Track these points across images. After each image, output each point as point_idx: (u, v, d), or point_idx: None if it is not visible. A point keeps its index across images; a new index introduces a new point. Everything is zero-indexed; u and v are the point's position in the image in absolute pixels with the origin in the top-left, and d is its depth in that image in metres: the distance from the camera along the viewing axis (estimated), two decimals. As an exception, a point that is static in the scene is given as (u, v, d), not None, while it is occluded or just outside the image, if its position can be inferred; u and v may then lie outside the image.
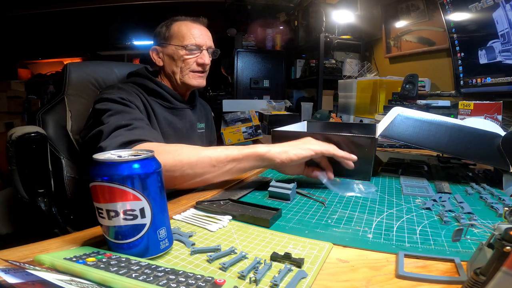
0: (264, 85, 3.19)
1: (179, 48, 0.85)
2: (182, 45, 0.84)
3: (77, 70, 0.99)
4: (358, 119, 1.98)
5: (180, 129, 0.91)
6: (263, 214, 0.52)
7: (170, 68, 0.88)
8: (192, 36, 0.85)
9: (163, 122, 0.86)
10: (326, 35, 2.45)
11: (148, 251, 0.39)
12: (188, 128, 0.94)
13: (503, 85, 1.31)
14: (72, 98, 0.94)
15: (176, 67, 0.87)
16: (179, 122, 0.91)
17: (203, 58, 0.87)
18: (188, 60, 0.86)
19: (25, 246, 0.41)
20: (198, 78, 0.90)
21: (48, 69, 4.58)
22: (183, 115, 0.94)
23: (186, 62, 0.86)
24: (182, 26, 0.86)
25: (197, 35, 0.86)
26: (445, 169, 0.87)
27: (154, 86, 0.87)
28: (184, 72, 0.87)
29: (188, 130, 0.94)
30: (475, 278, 0.27)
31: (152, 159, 0.39)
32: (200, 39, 0.86)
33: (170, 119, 0.89)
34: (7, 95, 3.95)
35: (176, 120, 0.91)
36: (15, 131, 0.79)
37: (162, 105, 0.88)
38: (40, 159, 0.83)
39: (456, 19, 1.52)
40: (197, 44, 0.86)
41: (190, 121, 0.96)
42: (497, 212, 0.55)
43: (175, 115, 0.91)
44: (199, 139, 1.00)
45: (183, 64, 0.87)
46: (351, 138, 0.78)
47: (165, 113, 0.89)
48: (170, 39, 0.86)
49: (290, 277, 0.34)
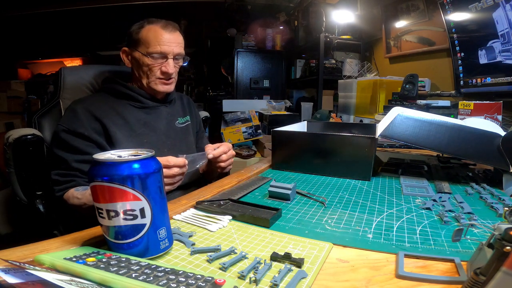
0: (264, 85, 3.19)
1: (144, 55, 0.85)
2: (147, 53, 0.84)
3: (71, 74, 1.00)
4: (358, 119, 1.98)
5: (158, 128, 0.92)
6: (263, 214, 0.52)
7: (137, 72, 0.90)
8: (158, 44, 0.84)
9: (136, 123, 0.87)
10: (326, 35, 2.45)
11: (148, 251, 0.39)
12: (165, 125, 0.94)
13: (503, 85, 1.31)
14: (67, 102, 0.94)
15: (143, 73, 0.88)
16: (154, 121, 0.92)
17: (167, 67, 0.86)
18: (152, 68, 0.86)
19: (25, 246, 0.41)
20: (164, 84, 0.90)
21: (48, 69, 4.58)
22: (158, 113, 0.94)
23: (150, 69, 0.86)
24: (150, 32, 0.85)
25: (164, 42, 0.84)
26: (445, 169, 0.87)
27: (123, 89, 0.89)
28: (150, 78, 0.88)
29: (165, 127, 0.94)
30: (475, 278, 0.27)
31: (152, 159, 0.39)
32: (166, 47, 0.85)
33: (145, 118, 0.90)
34: (7, 95, 3.94)
35: (151, 118, 0.91)
36: (12, 133, 0.79)
37: (134, 106, 0.90)
38: (37, 161, 0.83)
39: (456, 19, 1.52)
40: (162, 52, 0.84)
41: (167, 118, 0.96)
42: (497, 212, 0.55)
43: (150, 114, 0.92)
44: (182, 134, 0.99)
45: (149, 71, 0.87)
46: (351, 138, 0.78)
47: (138, 113, 0.90)
48: (137, 45, 0.86)
49: (290, 277, 0.34)
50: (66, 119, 0.82)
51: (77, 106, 0.83)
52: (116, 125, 0.83)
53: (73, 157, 0.79)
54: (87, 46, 4.49)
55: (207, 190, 0.68)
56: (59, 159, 0.80)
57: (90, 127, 0.80)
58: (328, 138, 0.81)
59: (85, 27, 4.28)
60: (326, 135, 0.82)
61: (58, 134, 0.80)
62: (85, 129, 0.79)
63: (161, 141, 0.91)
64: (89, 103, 0.85)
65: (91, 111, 0.82)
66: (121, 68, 1.02)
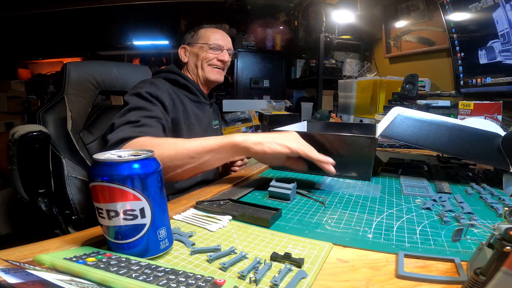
0: (264, 85, 3.19)
1: (205, 45, 1.00)
2: (207, 44, 1.00)
3: (76, 70, 0.99)
4: (358, 119, 1.98)
5: (202, 123, 1.02)
6: (263, 214, 0.52)
7: (193, 63, 1.02)
8: (215, 38, 1.01)
9: (191, 114, 0.96)
10: (326, 35, 2.45)
11: (148, 251, 0.39)
12: (207, 122, 1.05)
13: (503, 85, 1.31)
14: (72, 97, 0.94)
15: (199, 62, 1.01)
16: (202, 116, 1.02)
17: (224, 56, 1.02)
18: (210, 56, 1.00)
19: (25, 246, 0.41)
20: (217, 73, 1.03)
21: (48, 69, 4.57)
22: (204, 110, 1.04)
23: (208, 58, 1.00)
24: (208, 30, 1.03)
25: (220, 38, 1.02)
26: (445, 169, 0.87)
27: (184, 80, 0.98)
28: (204, 65, 1.01)
29: (207, 124, 1.05)
30: (475, 278, 0.27)
31: (152, 159, 0.39)
32: (222, 41, 1.02)
33: (196, 111, 1.00)
34: (7, 95, 3.94)
35: (200, 113, 1.02)
36: (18, 129, 0.77)
37: (190, 98, 0.99)
38: (41, 159, 0.82)
39: (456, 19, 1.52)
40: (219, 44, 1.01)
41: (209, 117, 1.07)
42: (497, 212, 0.55)
43: (199, 109, 1.02)
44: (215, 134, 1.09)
45: (206, 60, 1.00)
46: (351, 138, 0.78)
47: (192, 106, 0.99)
48: (197, 40, 1.02)
49: (290, 277, 0.34)
50: (149, 87, 0.82)
51: (156, 81, 0.88)
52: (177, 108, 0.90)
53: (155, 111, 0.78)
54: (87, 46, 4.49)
55: (207, 190, 0.68)
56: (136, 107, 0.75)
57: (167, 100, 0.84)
58: (328, 138, 0.81)
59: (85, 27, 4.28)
60: (326, 135, 0.82)
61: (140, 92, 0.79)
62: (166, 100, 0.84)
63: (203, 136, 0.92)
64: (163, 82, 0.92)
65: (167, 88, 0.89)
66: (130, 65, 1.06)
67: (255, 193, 0.68)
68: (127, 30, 4.58)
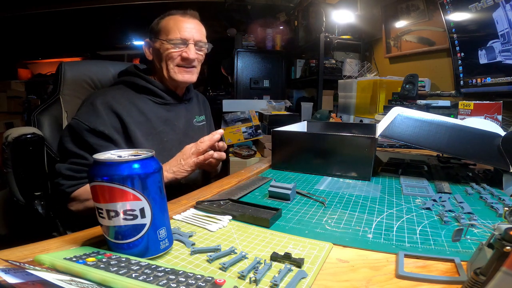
0: (264, 85, 3.19)
1: (164, 42, 0.83)
2: (167, 39, 0.83)
3: (72, 70, 0.96)
4: (358, 119, 1.98)
5: (177, 126, 0.91)
6: (263, 214, 0.52)
7: (158, 63, 0.87)
8: (178, 30, 0.83)
9: (157, 120, 0.86)
10: (326, 35, 2.45)
11: (148, 251, 0.39)
12: (185, 122, 0.93)
13: (503, 85, 1.31)
14: (68, 98, 0.92)
15: (163, 62, 0.86)
16: (175, 119, 0.90)
17: (188, 53, 0.84)
18: (173, 54, 0.84)
19: (25, 246, 0.41)
20: (185, 73, 0.87)
21: (48, 69, 4.58)
22: (178, 111, 0.92)
23: (170, 56, 0.84)
24: (170, 20, 0.84)
25: (184, 29, 0.83)
26: (445, 169, 0.87)
27: (144, 82, 0.87)
28: (169, 67, 0.86)
29: (185, 126, 0.93)
30: (475, 278, 0.27)
31: (152, 159, 0.39)
32: (187, 33, 0.84)
33: (166, 115, 0.88)
34: (7, 95, 3.95)
35: (172, 116, 0.90)
36: (11, 132, 0.76)
37: (155, 102, 0.88)
38: (36, 161, 0.81)
39: (456, 19, 1.52)
40: (182, 38, 0.83)
41: (186, 116, 0.95)
42: (497, 212, 0.55)
43: (170, 111, 0.90)
44: (200, 133, 0.98)
45: (169, 59, 0.85)
46: (351, 138, 0.78)
47: (159, 110, 0.88)
48: (158, 34, 0.85)
49: (290, 277, 0.34)
50: (86, 115, 0.77)
51: (97, 101, 0.79)
52: (136, 123, 0.81)
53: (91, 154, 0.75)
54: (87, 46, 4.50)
55: (207, 190, 0.68)
56: (73, 154, 0.75)
57: (111, 125, 0.77)
58: (328, 138, 0.81)
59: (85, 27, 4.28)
60: (326, 135, 0.82)
61: (75, 129, 0.75)
62: (106, 127, 0.76)
63: (180, 140, 0.90)
64: (110, 97, 0.81)
65: (112, 107, 0.79)
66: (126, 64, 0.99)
67: (255, 193, 0.68)
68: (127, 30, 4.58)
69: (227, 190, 0.68)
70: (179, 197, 0.63)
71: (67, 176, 0.75)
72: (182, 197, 0.63)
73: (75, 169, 0.75)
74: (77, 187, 0.75)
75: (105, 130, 0.76)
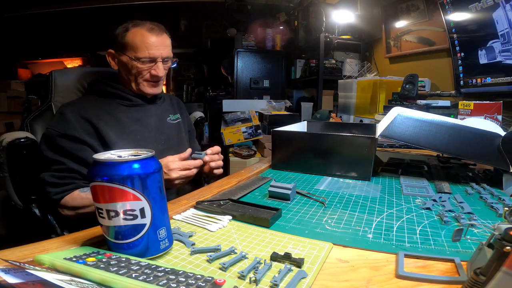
0: (264, 85, 3.18)
1: (133, 59, 0.84)
2: (135, 57, 0.83)
3: (62, 77, 0.99)
4: (358, 119, 1.98)
5: (150, 124, 0.92)
6: (263, 214, 0.52)
7: (126, 75, 0.89)
8: (146, 48, 0.83)
9: (128, 121, 0.88)
10: (326, 35, 2.45)
11: (148, 251, 0.39)
12: (156, 121, 0.95)
13: (503, 85, 1.31)
14: (59, 104, 0.93)
15: (131, 76, 0.87)
16: (146, 117, 0.92)
17: (157, 71, 0.86)
18: (142, 71, 0.86)
19: (25, 246, 0.41)
20: (153, 87, 0.90)
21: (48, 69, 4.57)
22: (148, 110, 0.94)
23: (139, 73, 0.86)
24: (137, 35, 0.83)
25: (152, 47, 0.83)
26: (445, 169, 0.87)
27: (110, 89, 0.89)
28: (138, 80, 0.87)
29: (157, 123, 0.94)
30: (475, 278, 0.27)
31: (152, 159, 0.39)
32: (155, 51, 0.84)
33: (136, 115, 0.90)
34: (7, 95, 3.95)
35: (142, 115, 0.92)
36: (5, 137, 0.78)
37: (123, 104, 0.90)
38: (31, 165, 0.82)
39: (456, 19, 1.52)
40: (151, 56, 0.84)
41: (157, 114, 0.96)
42: (497, 212, 0.55)
43: (141, 112, 0.92)
44: (174, 130, 1.00)
45: (138, 75, 0.86)
46: (351, 138, 0.78)
47: (129, 110, 0.90)
48: (124, 49, 0.85)
49: (290, 277, 0.34)
50: (56, 123, 0.80)
51: (66, 110, 0.82)
52: (108, 124, 0.82)
53: (69, 159, 0.77)
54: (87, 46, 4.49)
55: (207, 190, 0.68)
56: (53, 161, 0.78)
57: (81, 129, 0.79)
58: (328, 138, 0.81)
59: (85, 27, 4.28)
60: (326, 135, 0.82)
61: (49, 137, 0.79)
62: (76, 131, 0.78)
63: (154, 137, 0.91)
64: (78, 106, 0.84)
65: (81, 114, 0.81)
66: (108, 69, 0.99)
67: (255, 193, 0.68)
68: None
69: (227, 190, 0.68)
70: (179, 197, 0.63)
71: (52, 184, 0.77)
72: (182, 197, 0.63)
73: (57, 176, 0.77)
74: (64, 194, 0.76)
75: (75, 133, 0.78)
